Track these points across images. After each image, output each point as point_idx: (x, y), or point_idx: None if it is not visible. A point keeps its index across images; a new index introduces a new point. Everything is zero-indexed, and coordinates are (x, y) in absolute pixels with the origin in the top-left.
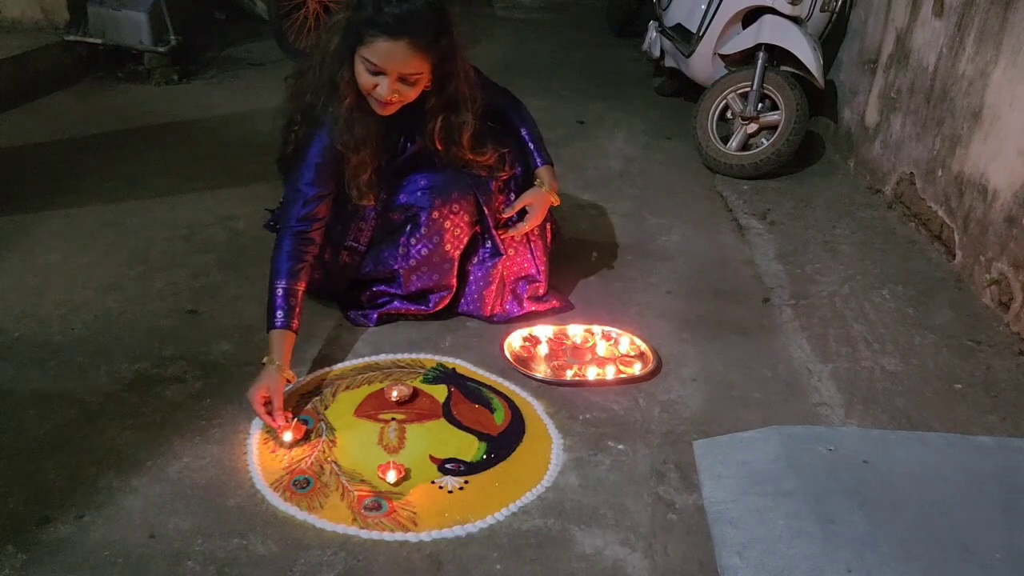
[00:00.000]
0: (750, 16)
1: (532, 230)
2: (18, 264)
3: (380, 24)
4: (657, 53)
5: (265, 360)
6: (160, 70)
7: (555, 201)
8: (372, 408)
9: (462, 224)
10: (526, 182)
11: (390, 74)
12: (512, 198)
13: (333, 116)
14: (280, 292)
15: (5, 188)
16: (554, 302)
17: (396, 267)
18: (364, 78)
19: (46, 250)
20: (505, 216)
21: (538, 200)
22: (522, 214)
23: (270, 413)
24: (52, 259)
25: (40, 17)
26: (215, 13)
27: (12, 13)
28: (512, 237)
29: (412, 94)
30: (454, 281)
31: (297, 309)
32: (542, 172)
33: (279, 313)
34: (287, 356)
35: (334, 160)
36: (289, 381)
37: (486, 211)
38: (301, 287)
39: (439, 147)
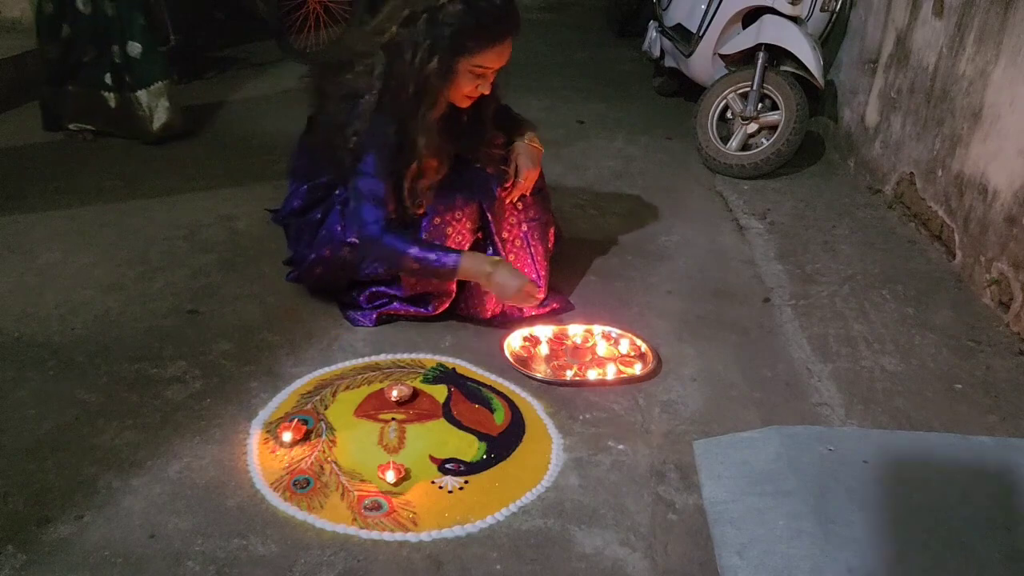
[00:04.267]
0: (750, 16)
1: (534, 234)
2: (18, 264)
3: (488, 29)
4: (657, 53)
5: (488, 274)
6: None
7: (539, 148)
8: (372, 408)
9: (464, 231)
10: None
11: (491, 71)
12: (520, 205)
13: (421, 127)
14: (424, 250)
15: (5, 188)
16: (554, 304)
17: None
18: (469, 84)
19: (46, 250)
20: (507, 189)
21: (523, 150)
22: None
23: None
24: (52, 259)
25: None
26: (215, 13)
27: (12, 13)
28: (513, 241)
29: (492, 79)
30: (454, 286)
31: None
32: (523, 130)
33: (445, 254)
34: (487, 256)
35: (396, 165)
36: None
37: (489, 217)
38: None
39: (465, 123)
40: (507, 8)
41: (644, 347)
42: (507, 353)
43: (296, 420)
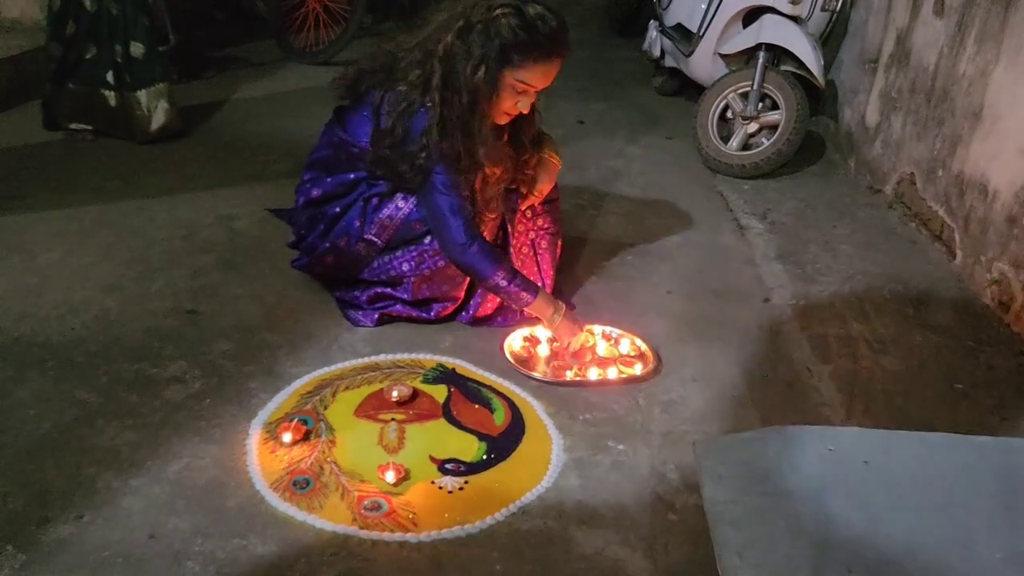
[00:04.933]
0: (750, 15)
1: (542, 243)
2: (18, 264)
3: (538, 47)
4: (657, 52)
5: (555, 321)
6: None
7: (557, 163)
8: (372, 408)
9: None
10: None
11: (534, 90)
12: (529, 213)
13: (479, 139)
14: (508, 277)
15: (5, 188)
16: None
17: (407, 273)
18: (511, 99)
19: (46, 250)
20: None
21: (542, 163)
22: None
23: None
24: (52, 259)
25: (40, 17)
26: (215, 13)
27: (12, 13)
28: (520, 248)
29: (533, 99)
30: (461, 294)
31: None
32: (543, 143)
33: (525, 288)
34: (556, 301)
35: (462, 177)
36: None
37: (509, 228)
38: (511, 264)
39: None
40: (559, 30)
41: (644, 347)
42: (507, 353)
43: (296, 420)
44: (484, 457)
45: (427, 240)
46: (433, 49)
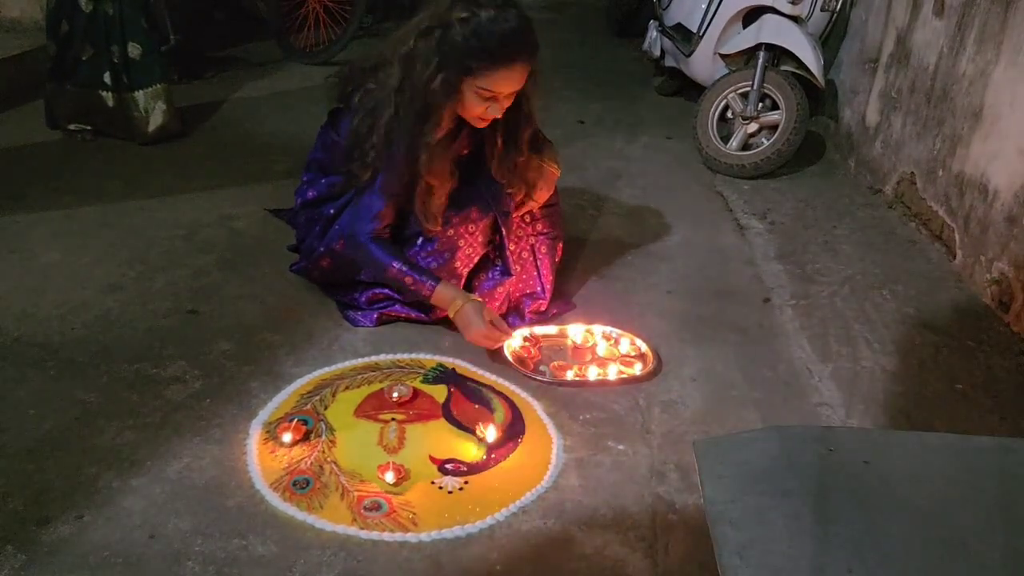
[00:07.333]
0: (750, 15)
1: (541, 247)
2: (18, 264)
3: (493, 53)
4: (657, 53)
5: (456, 309)
6: None
7: (556, 172)
8: (372, 408)
9: (476, 244)
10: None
11: (502, 95)
12: (528, 219)
13: (423, 143)
14: (405, 268)
15: (5, 188)
16: (554, 311)
17: None
18: (476, 107)
19: (46, 250)
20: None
21: (540, 171)
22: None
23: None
24: (52, 259)
25: (40, 17)
26: (215, 13)
27: (12, 13)
28: (520, 252)
29: (509, 103)
30: None
31: (424, 269)
32: (542, 151)
33: (423, 278)
34: (462, 291)
35: (403, 182)
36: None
37: (504, 230)
38: (410, 258)
39: (499, 147)
40: (517, 33)
41: (644, 347)
42: (507, 353)
43: (296, 420)
44: (484, 457)
45: (419, 241)
46: (399, 48)
